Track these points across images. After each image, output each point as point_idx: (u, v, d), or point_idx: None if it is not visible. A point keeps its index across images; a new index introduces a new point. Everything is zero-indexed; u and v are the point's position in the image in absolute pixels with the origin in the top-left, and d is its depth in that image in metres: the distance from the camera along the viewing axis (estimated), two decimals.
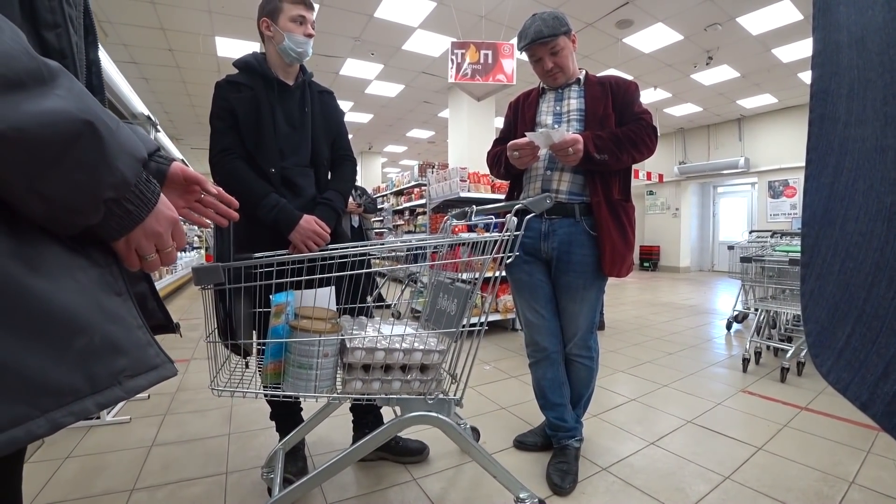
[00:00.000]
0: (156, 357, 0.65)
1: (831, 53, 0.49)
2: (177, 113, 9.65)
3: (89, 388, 0.55)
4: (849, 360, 0.46)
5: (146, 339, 0.64)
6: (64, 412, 0.51)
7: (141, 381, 0.61)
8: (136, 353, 0.61)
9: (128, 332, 0.61)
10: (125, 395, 0.59)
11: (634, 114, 1.71)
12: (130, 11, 5.34)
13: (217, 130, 1.58)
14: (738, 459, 1.86)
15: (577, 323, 1.77)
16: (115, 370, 0.58)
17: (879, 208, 0.42)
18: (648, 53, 6.85)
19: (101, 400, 0.56)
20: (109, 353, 0.58)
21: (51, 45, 0.58)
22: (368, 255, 1.40)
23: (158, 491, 1.64)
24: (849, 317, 0.46)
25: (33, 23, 0.56)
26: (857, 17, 0.45)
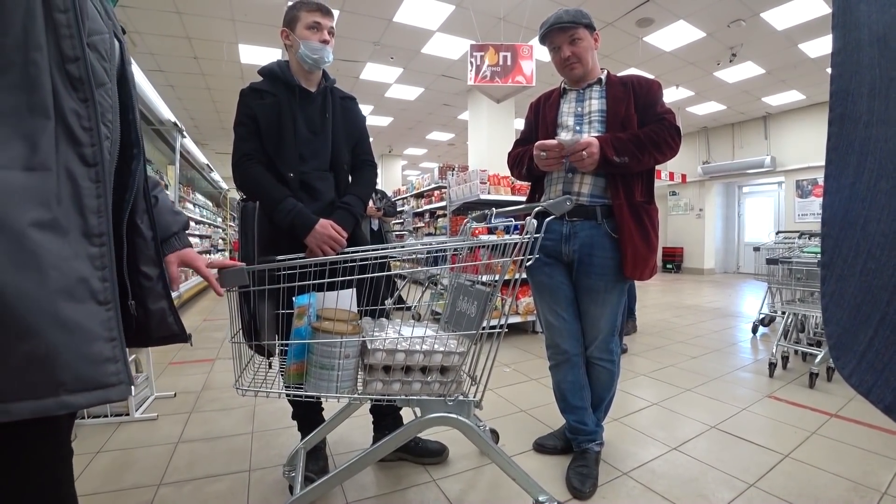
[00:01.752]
0: (112, 375, 0.65)
1: (852, 52, 0.49)
2: (202, 119, 9.92)
3: (30, 393, 0.57)
4: (872, 362, 0.45)
5: (110, 354, 0.65)
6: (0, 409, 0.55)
7: (79, 398, 0.61)
8: (85, 369, 0.61)
9: (87, 343, 0.62)
10: (57, 408, 0.59)
11: (657, 114, 1.69)
12: (157, 21, 5.52)
13: (240, 136, 1.63)
14: (763, 466, 1.82)
15: (598, 326, 1.76)
16: (58, 381, 0.59)
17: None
18: (670, 52, 6.74)
19: (36, 407, 0.58)
20: (56, 362, 0.59)
21: (73, 74, 0.64)
22: (388, 258, 1.42)
23: (184, 486, 1.69)
24: (871, 319, 0.45)
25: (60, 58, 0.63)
26: (878, 15, 0.44)
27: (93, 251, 0.65)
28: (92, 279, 0.64)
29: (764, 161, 9.89)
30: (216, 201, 11.22)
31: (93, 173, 0.66)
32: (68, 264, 0.61)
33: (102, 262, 0.66)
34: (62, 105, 0.63)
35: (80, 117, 0.65)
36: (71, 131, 0.64)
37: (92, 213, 0.66)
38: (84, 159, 0.65)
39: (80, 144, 0.65)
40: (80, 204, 0.64)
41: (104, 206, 0.67)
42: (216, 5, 5.29)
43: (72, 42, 0.64)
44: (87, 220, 0.65)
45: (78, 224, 0.64)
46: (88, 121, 0.66)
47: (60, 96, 0.63)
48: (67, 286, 0.61)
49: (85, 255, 0.64)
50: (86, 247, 0.64)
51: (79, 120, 0.65)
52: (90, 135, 0.66)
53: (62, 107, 0.63)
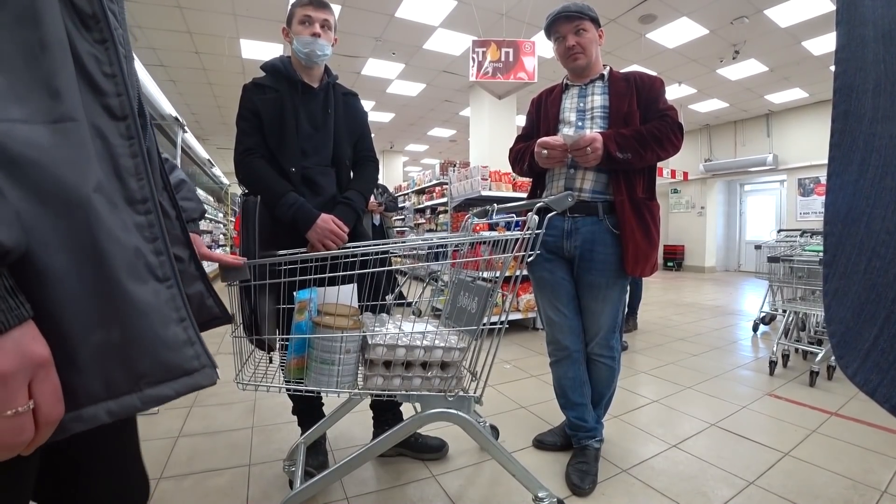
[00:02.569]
0: (193, 359, 0.56)
1: (856, 48, 0.48)
2: (203, 114, 9.90)
3: (104, 392, 0.49)
4: (876, 361, 0.45)
5: (186, 337, 0.56)
6: (70, 416, 0.46)
7: (165, 389, 0.53)
8: (165, 355, 0.54)
9: (162, 326, 0.54)
10: (141, 405, 0.52)
11: (659, 110, 1.69)
12: (159, 16, 5.51)
13: (242, 131, 1.63)
14: (763, 464, 1.82)
15: (599, 322, 1.76)
16: (136, 374, 0.51)
17: None
18: (672, 48, 6.72)
19: (115, 407, 0.49)
20: (131, 352, 0.50)
21: (83, 10, 0.53)
22: (389, 254, 1.42)
23: (184, 480, 1.69)
24: (876, 317, 0.45)
25: None
26: (884, 10, 0.44)
27: (140, 220, 0.55)
28: (147, 253, 0.55)
29: (766, 159, 9.87)
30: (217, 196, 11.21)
31: (123, 128, 0.55)
32: (126, 236, 0.52)
33: (153, 233, 0.56)
34: (76, 47, 0.51)
35: (100, 62, 0.53)
36: (91, 78, 0.52)
37: (130, 176, 0.55)
38: (111, 111, 0.54)
39: (104, 94, 0.53)
40: (116, 165, 0.54)
41: (143, 167, 0.56)
42: (217, 0, 5.28)
43: None
44: (127, 184, 0.54)
45: (118, 189, 0.53)
46: (110, 66, 0.54)
47: (73, 38, 0.51)
48: (129, 262, 0.52)
49: (132, 224, 0.54)
50: (132, 215, 0.54)
51: (98, 65, 0.53)
52: (114, 82, 0.54)
53: (76, 49, 0.51)
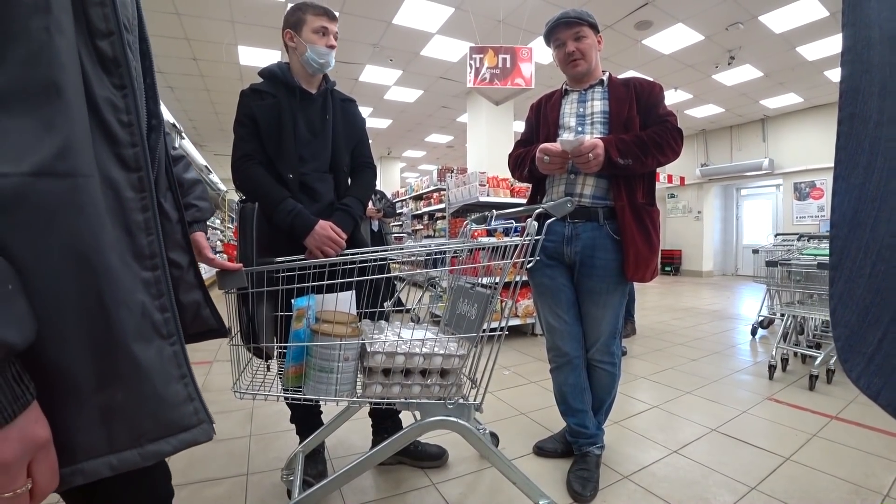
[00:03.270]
0: (192, 416, 0.57)
1: (862, 50, 0.48)
2: (201, 120, 9.90)
3: (107, 447, 0.50)
4: (880, 364, 0.45)
5: (186, 394, 0.57)
6: (71, 470, 0.47)
7: (164, 445, 0.54)
8: (166, 413, 0.55)
9: (163, 385, 0.54)
10: (142, 460, 0.53)
11: (659, 116, 1.69)
12: (156, 22, 5.51)
13: (239, 137, 1.62)
14: (764, 469, 1.81)
15: (599, 328, 1.75)
16: (137, 431, 0.52)
17: None
18: (668, 54, 6.76)
19: (116, 462, 0.51)
20: (133, 411, 0.52)
21: (105, 53, 0.51)
22: (388, 260, 1.41)
23: (182, 490, 1.67)
24: (881, 320, 0.45)
25: (88, 32, 0.50)
26: (889, 13, 0.44)
27: (147, 276, 0.55)
28: (153, 311, 0.55)
29: (762, 163, 9.92)
30: (215, 203, 11.19)
31: (135, 180, 0.54)
32: (132, 296, 0.52)
33: (159, 290, 0.56)
34: (93, 92, 0.49)
35: (117, 109, 0.52)
36: (106, 126, 0.51)
37: (140, 231, 0.54)
38: (125, 162, 0.53)
39: (119, 144, 0.52)
40: (126, 219, 0.53)
41: (153, 222, 0.55)
42: (215, 7, 5.29)
43: (103, 11, 0.50)
44: (137, 240, 0.54)
45: (127, 244, 0.53)
46: (127, 114, 0.53)
47: (90, 81, 0.49)
48: (136, 323, 0.52)
49: (139, 281, 0.54)
50: (139, 271, 0.54)
51: (115, 113, 0.52)
52: (130, 132, 0.53)
53: (93, 94, 0.49)
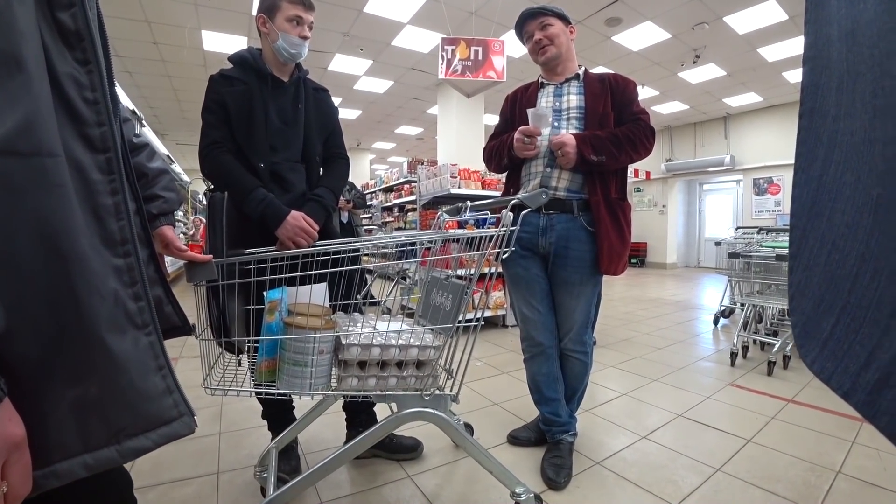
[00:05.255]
0: (172, 408, 0.56)
1: (822, 47, 0.50)
2: (162, 108, 9.47)
3: (81, 446, 0.47)
4: (833, 350, 0.47)
5: (164, 386, 0.55)
6: (44, 472, 0.45)
7: (144, 441, 0.52)
8: (144, 406, 0.52)
9: (141, 378, 0.52)
10: (120, 458, 0.50)
11: (633, 113, 1.72)
12: (114, 4, 5.22)
13: (208, 123, 1.56)
14: (728, 451, 1.89)
15: (572, 318, 1.78)
16: (115, 427, 0.50)
17: (866, 200, 0.43)
18: (637, 51, 6.90)
19: (92, 462, 0.48)
20: (109, 406, 0.49)
21: (66, 26, 0.48)
22: (361, 252, 1.39)
23: (150, 492, 1.61)
24: (834, 307, 0.47)
25: (47, 3, 0.47)
26: (847, 10, 0.45)
27: (118, 263, 0.52)
28: (126, 299, 0.52)
29: (724, 160, 10.29)
30: None
31: (103, 161, 0.51)
32: (104, 284, 0.49)
33: (132, 277, 0.53)
34: (55, 68, 0.46)
35: (81, 86, 0.49)
36: (70, 104, 0.48)
37: (110, 216, 0.51)
38: (91, 143, 0.50)
39: (84, 123, 0.49)
40: (95, 203, 0.50)
41: (123, 206, 0.53)
42: None
43: None
44: (106, 225, 0.51)
45: (96, 230, 0.50)
46: (92, 91, 0.49)
47: (51, 55, 0.46)
48: (109, 312, 0.49)
49: (111, 268, 0.51)
50: (110, 258, 0.51)
51: (79, 90, 0.48)
52: (95, 110, 0.50)
53: (55, 70, 0.46)
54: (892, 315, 0.39)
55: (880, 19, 0.40)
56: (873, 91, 0.42)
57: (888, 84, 0.40)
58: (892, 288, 0.39)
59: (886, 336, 0.40)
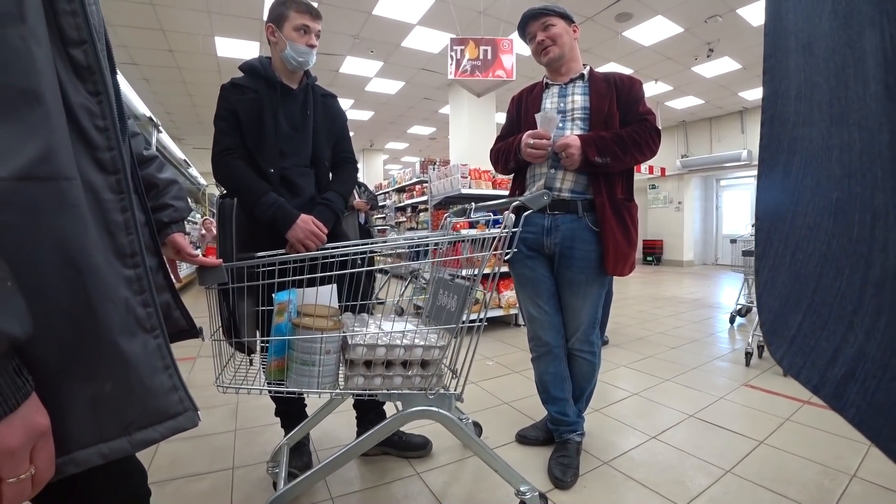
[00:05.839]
0: (177, 404, 0.60)
1: (781, 57, 0.52)
2: (178, 113, 9.68)
3: (97, 436, 0.52)
4: (800, 346, 0.49)
5: (170, 384, 0.60)
6: (64, 459, 0.50)
7: (152, 433, 0.57)
8: (152, 402, 0.57)
9: (149, 376, 0.57)
10: (131, 448, 0.55)
11: (639, 113, 1.71)
12: (130, 13, 5.36)
13: (220, 131, 1.60)
14: (739, 453, 1.87)
15: (579, 318, 1.78)
16: (125, 420, 0.55)
17: (826, 203, 0.45)
18: (649, 46, 6.82)
19: (106, 451, 0.53)
20: (121, 401, 0.54)
21: (78, 61, 0.53)
22: (369, 254, 1.42)
23: (167, 486, 1.67)
24: (800, 305, 0.49)
25: (61, 41, 0.52)
26: (804, 23, 0.47)
27: (129, 273, 0.57)
28: (136, 306, 0.58)
29: (741, 155, 10.10)
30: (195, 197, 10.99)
31: (114, 182, 0.56)
32: (116, 293, 0.55)
33: (141, 286, 0.59)
34: (69, 99, 0.52)
35: (93, 115, 0.54)
36: (83, 132, 0.53)
37: (120, 230, 0.57)
38: (102, 165, 0.55)
39: (96, 148, 0.55)
40: (106, 220, 0.55)
41: (132, 222, 0.58)
42: None
43: (75, 21, 0.52)
44: (117, 239, 0.56)
45: (108, 244, 0.55)
46: (103, 119, 0.55)
47: (66, 88, 0.51)
48: (121, 318, 0.55)
49: (122, 278, 0.56)
50: (121, 269, 0.57)
51: (91, 118, 0.54)
52: (106, 136, 0.56)
53: (70, 101, 0.52)
54: (854, 312, 0.41)
55: (834, 34, 0.42)
56: (830, 101, 0.44)
57: (843, 94, 0.41)
58: (853, 286, 0.41)
59: (851, 331, 0.41)
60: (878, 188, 0.37)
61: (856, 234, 0.41)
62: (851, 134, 0.40)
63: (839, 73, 0.42)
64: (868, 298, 0.39)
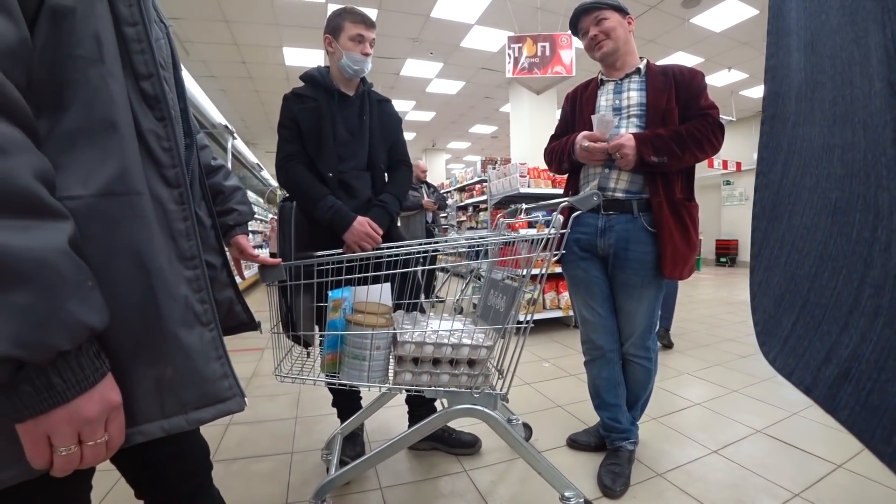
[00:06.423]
0: (227, 390, 0.67)
1: (783, 56, 0.52)
2: (252, 120, 10.39)
3: (159, 413, 0.61)
4: (793, 346, 0.48)
5: (222, 372, 0.67)
6: (132, 430, 0.58)
7: (204, 413, 0.65)
8: (206, 387, 0.65)
9: (204, 364, 0.65)
10: (187, 425, 0.63)
11: (700, 108, 1.62)
12: (208, 31, 5.84)
13: (283, 138, 1.72)
14: (812, 476, 1.72)
15: (634, 322, 1.73)
16: (183, 401, 0.63)
17: (824, 203, 0.45)
18: (720, 32, 6.36)
19: (167, 426, 0.61)
20: (180, 384, 0.62)
21: (147, 92, 0.61)
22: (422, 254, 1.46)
23: (233, 464, 1.81)
24: (794, 306, 0.49)
25: (133, 75, 0.60)
26: (807, 21, 0.47)
27: (189, 274, 0.65)
28: (194, 303, 0.65)
29: None
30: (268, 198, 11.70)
31: (177, 195, 0.64)
32: (178, 291, 0.63)
33: (199, 285, 0.66)
34: (140, 125, 0.60)
35: (160, 137, 0.63)
36: (152, 152, 0.61)
37: (182, 237, 0.65)
38: (167, 181, 0.63)
39: (162, 166, 0.63)
40: (170, 228, 0.63)
41: (192, 229, 0.66)
42: (261, 12, 5.53)
43: (143, 58, 0.60)
44: (179, 244, 0.64)
45: (172, 248, 0.63)
46: (167, 141, 0.63)
47: (137, 116, 0.60)
48: (181, 313, 0.63)
49: (183, 278, 0.64)
50: (182, 271, 0.64)
51: (158, 140, 0.62)
52: (170, 155, 0.64)
53: (140, 127, 0.60)
54: (850, 312, 0.40)
55: (842, 31, 0.41)
56: (833, 99, 0.43)
57: (847, 93, 0.40)
58: (850, 286, 0.41)
59: (845, 332, 0.41)
60: (882, 187, 0.37)
61: (855, 234, 0.40)
62: (855, 133, 0.40)
63: (845, 70, 0.41)
64: (865, 299, 0.39)
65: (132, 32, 0.59)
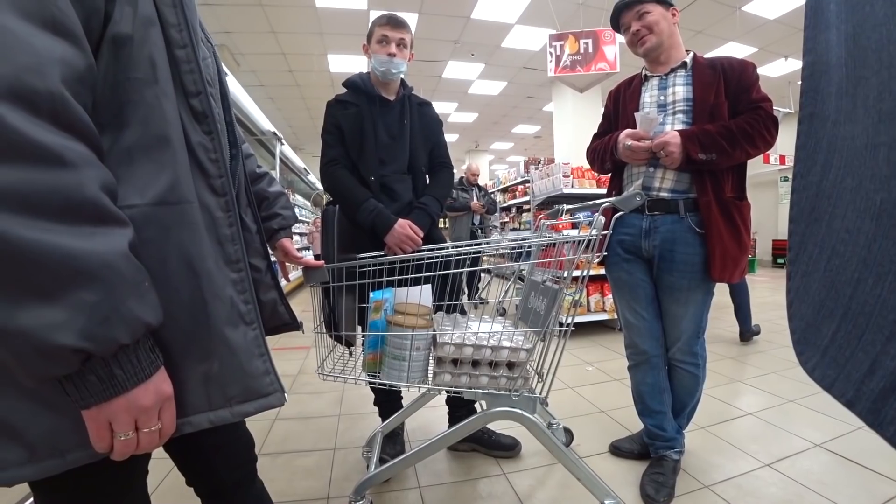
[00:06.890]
0: (269, 385, 0.72)
1: (821, 52, 0.49)
2: (299, 126, 10.77)
3: (207, 406, 0.66)
4: (834, 356, 0.46)
5: (264, 368, 0.72)
6: (182, 421, 0.63)
7: (248, 407, 0.70)
8: (249, 382, 0.69)
9: (247, 361, 0.69)
10: (232, 417, 0.68)
11: (752, 101, 1.54)
12: (256, 42, 6.13)
13: (326, 143, 1.78)
14: (876, 497, 1.59)
15: (680, 326, 1.66)
16: (228, 395, 0.67)
17: (868, 205, 0.42)
18: (774, 20, 5.99)
19: (213, 418, 0.66)
20: (225, 379, 0.66)
21: (196, 108, 0.66)
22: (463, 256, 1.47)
23: (278, 458, 1.89)
24: (835, 314, 0.46)
25: (184, 93, 0.65)
26: (848, 14, 0.44)
27: (234, 276, 0.70)
28: (239, 303, 0.69)
29: None
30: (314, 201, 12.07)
31: (223, 203, 0.69)
32: (224, 292, 0.67)
33: (243, 287, 0.71)
34: (190, 139, 0.65)
35: (207, 150, 0.67)
36: (200, 164, 0.66)
37: (228, 242, 0.69)
38: (214, 190, 0.68)
39: (210, 176, 0.67)
40: (217, 233, 0.68)
41: (237, 235, 0.70)
42: (306, 22, 5.73)
43: (192, 77, 0.65)
44: (225, 249, 0.69)
45: (219, 252, 0.68)
46: (214, 153, 0.68)
47: (187, 130, 0.65)
48: (227, 312, 0.67)
49: (229, 280, 0.69)
50: (228, 273, 0.69)
51: (206, 153, 0.67)
52: (217, 166, 0.68)
53: (190, 140, 0.65)
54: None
55: (889, 22, 0.38)
56: (879, 95, 0.40)
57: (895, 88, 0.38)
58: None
59: (891, 342, 0.38)
60: None
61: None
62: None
63: (892, 64, 0.38)
64: None
65: (182, 54, 0.64)
